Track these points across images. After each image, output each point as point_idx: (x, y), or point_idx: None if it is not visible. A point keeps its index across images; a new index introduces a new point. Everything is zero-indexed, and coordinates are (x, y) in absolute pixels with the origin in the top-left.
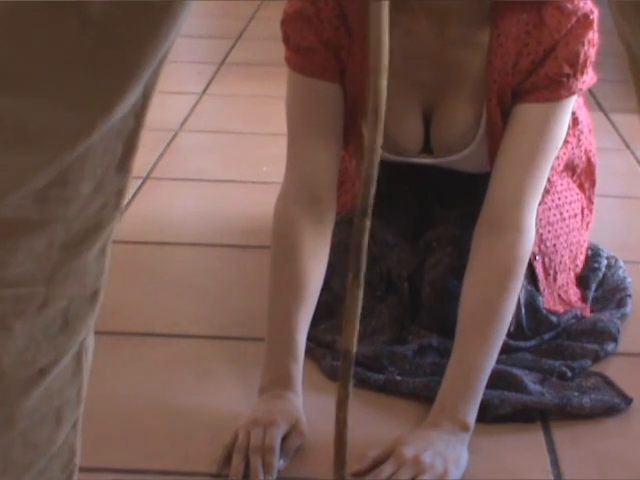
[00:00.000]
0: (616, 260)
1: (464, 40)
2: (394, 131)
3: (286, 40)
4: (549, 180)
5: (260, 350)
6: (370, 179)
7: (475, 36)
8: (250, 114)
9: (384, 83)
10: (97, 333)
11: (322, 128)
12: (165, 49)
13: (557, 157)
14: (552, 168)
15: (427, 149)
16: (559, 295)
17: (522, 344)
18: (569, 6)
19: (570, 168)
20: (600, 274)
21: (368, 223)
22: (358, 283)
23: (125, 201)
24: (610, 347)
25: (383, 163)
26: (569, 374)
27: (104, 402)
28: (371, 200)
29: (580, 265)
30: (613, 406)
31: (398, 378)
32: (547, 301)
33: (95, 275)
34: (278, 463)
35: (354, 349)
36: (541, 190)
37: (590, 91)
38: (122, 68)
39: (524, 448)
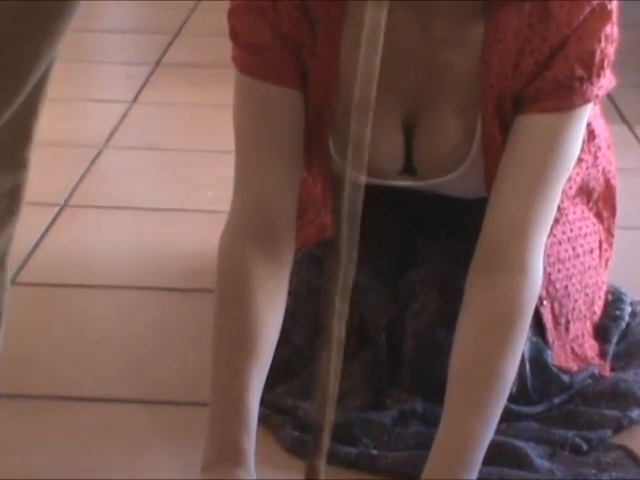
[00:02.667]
0: None
1: (453, 36)
2: (369, 149)
3: (234, 36)
4: (559, 208)
5: (204, 417)
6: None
7: (467, 31)
8: (191, 127)
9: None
10: (4, 397)
11: (278, 144)
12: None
13: (569, 179)
14: (563, 192)
15: (409, 169)
16: (572, 349)
17: (527, 410)
18: None
19: (585, 192)
20: (623, 324)
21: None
22: (335, 337)
23: (22, 204)
24: (635, 414)
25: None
26: (584, 447)
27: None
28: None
29: (598, 312)
30: None
31: (374, 452)
32: (557, 356)
33: None
34: None
35: (329, 419)
36: (550, 220)
37: (609, 98)
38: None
39: None
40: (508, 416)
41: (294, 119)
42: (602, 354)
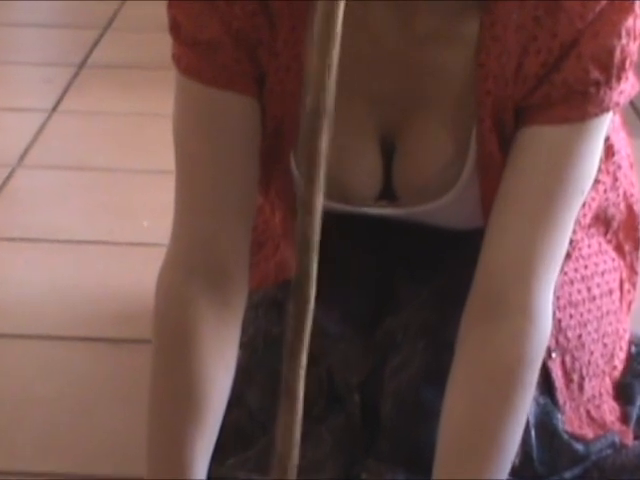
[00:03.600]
0: None
1: (441, 33)
2: (339, 169)
3: (175, 30)
4: (572, 240)
5: None
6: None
7: (458, 27)
8: (123, 141)
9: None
10: None
11: (229, 163)
12: None
13: (583, 205)
14: (576, 222)
15: (388, 194)
16: (588, 412)
17: None
18: None
19: (602, 221)
20: None
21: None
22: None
23: None
24: None
25: (324, 216)
26: None
27: None
28: (313, 273)
29: (619, 367)
30: None
31: None
32: (569, 421)
33: None
34: None
35: None
36: (560, 256)
37: (632, 106)
38: None
39: None
40: None
41: (249, 133)
42: (624, 418)
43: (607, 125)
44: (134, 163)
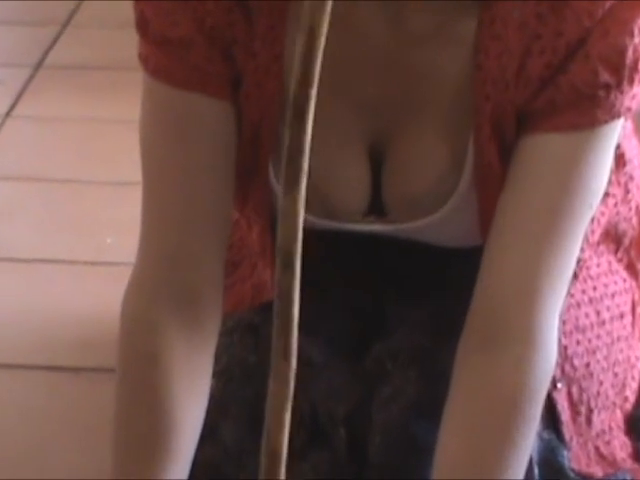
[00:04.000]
0: None
1: (435, 33)
2: (323, 181)
3: (143, 26)
4: (579, 259)
5: None
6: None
7: (454, 26)
8: (84, 150)
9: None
10: None
11: (200, 174)
12: None
13: (592, 220)
14: (584, 239)
15: (376, 209)
16: (597, 448)
17: None
18: None
19: (612, 238)
20: None
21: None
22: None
23: None
24: None
25: (307, 233)
26: None
27: None
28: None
29: (631, 398)
30: None
31: None
32: (576, 458)
33: None
34: None
35: None
36: (567, 277)
37: None
38: None
39: None
40: None
41: (223, 140)
42: (636, 455)
43: (618, 132)
44: (96, 174)
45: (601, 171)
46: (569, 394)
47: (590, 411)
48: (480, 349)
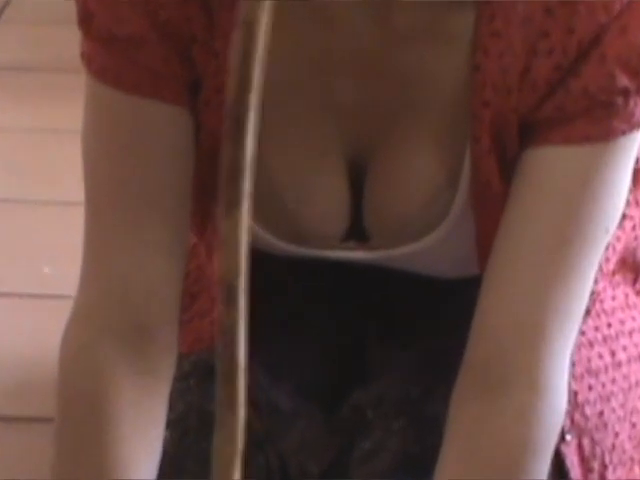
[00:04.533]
0: None
1: (427, 31)
2: (294, 201)
3: (86, 22)
4: (592, 291)
5: None
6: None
7: (448, 22)
8: (16, 165)
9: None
10: None
11: (154, 193)
12: None
13: (607, 247)
14: (598, 268)
15: (357, 234)
16: None
17: None
18: None
19: (630, 266)
20: None
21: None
22: None
23: None
24: None
25: (275, 261)
26: None
27: None
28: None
29: None
30: None
31: None
32: None
33: None
34: None
35: None
36: (579, 312)
37: None
38: None
39: None
40: None
41: (180, 153)
42: None
43: (637, 145)
44: (31, 192)
45: (618, 190)
46: (580, 447)
47: (604, 467)
48: (477, 396)
